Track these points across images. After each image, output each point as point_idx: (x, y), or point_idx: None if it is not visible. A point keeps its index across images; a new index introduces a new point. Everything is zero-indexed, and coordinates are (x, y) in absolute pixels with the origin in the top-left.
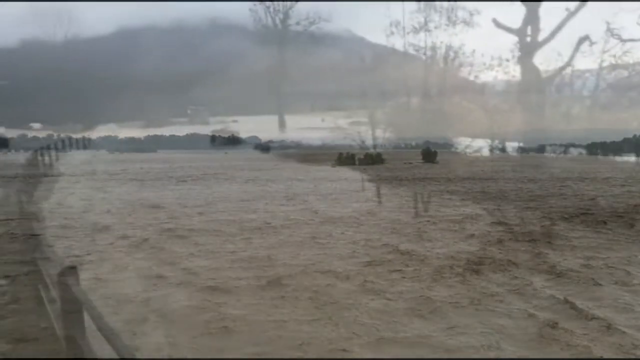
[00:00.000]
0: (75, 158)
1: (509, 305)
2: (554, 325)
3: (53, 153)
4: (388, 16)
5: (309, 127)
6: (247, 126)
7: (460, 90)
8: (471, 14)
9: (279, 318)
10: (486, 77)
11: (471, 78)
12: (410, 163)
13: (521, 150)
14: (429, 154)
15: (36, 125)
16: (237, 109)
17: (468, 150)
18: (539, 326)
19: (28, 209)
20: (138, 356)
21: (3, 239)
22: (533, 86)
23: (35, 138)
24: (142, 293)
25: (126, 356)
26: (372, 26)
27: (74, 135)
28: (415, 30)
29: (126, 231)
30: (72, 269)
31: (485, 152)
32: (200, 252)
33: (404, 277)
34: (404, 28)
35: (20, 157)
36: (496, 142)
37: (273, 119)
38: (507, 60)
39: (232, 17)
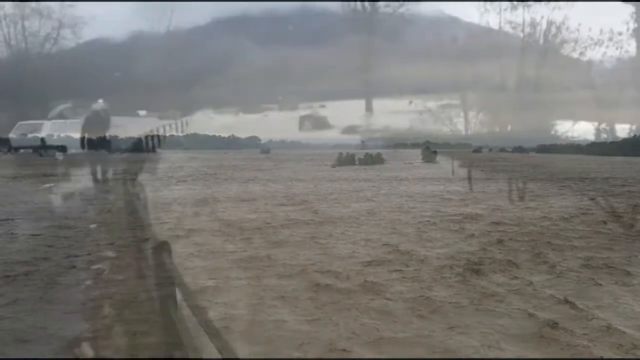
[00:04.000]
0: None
1: None
2: None
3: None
4: None
5: (397, 110)
6: (335, 111)
7: (562, 68)
8: None
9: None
10: (594, 54)
11: (575, 55)
12: (411, 163)
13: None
14: (429, 154)
15: (142, 113)
16: (326, 94)
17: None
18: None
19: None
20: None
21: None
22: None
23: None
24: None
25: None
26: (466, 4)
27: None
28: (513, 6)
29: None
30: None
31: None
32: None
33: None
34: (499, 4)
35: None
36: (603, 125)
37: (360, 103)
38: (620, 33)
39: (323, 4)
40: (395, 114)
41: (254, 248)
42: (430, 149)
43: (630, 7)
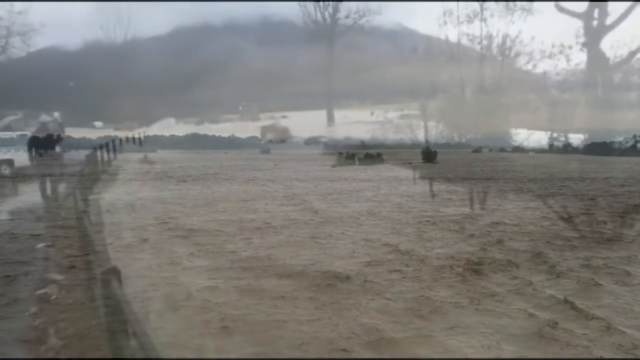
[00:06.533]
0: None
1: None
2: None
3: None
4: (441, 5)
5: (358, 121)
6: (296, 121)
7: (517, 80)
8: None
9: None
10: (546, 66)
11: (529, 67)
12: (411, 163)
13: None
14: (428, 154)
15: (98, 124)
16: (287, 104)
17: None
18: None
19: None
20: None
21: None
22: (600, 73)
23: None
24: None
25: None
26: (424, 18)
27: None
28: (470, 20)
29: None
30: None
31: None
32: None
33: None
34: (457, 17)
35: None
36: (555, 135)
37: (322, 114)
38: (570, 47)
39: (283, 14)
40: (357, 124)
41: (254, 248)
42: (430, 149)
43: (579, 22)
